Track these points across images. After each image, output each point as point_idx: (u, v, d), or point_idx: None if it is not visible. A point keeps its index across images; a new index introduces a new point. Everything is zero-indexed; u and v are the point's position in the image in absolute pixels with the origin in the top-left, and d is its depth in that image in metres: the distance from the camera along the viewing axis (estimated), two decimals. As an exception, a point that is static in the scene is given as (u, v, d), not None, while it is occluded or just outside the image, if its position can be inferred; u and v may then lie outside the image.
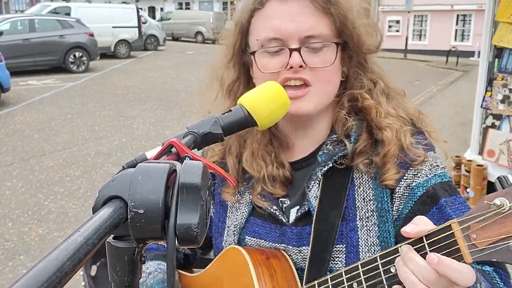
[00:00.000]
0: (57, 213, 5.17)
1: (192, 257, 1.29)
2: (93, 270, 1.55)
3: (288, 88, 0.96)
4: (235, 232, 1.10)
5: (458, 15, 29.30)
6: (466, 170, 5.41)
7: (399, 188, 0.99)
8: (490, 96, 5.05)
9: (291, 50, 0.96)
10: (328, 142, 1.05)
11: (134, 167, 0.54)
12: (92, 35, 16.09)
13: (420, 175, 0.99)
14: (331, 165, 1.01)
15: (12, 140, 7.94)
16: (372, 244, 0.99)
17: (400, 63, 19.11)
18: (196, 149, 0.73)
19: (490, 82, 5.04)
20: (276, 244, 1.06)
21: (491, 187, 5.29)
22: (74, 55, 15.56)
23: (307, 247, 1.01)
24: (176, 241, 0.51)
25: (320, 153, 1.04)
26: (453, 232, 0.72)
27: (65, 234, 4.66)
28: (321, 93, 1.00)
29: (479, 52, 6.42)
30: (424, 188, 0.98)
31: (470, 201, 5.40)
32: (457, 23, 29.53)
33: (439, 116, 9.24)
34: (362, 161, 1.00)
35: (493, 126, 5.12)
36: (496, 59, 4.95)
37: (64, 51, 15.33)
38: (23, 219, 5.01)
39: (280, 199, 1.08)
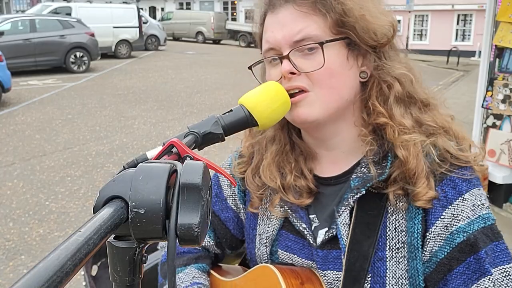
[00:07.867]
0: (58, 213, 5.17)
1: (221, 256, 1.29)
2: (94, 270, 1.55)
3: (290, 96, 0.95)
4: (267, 243, 1.08)
5: (459, 15, 29.28)
6: (467, 170, 5.40)
7: (435, 227, 0.91)
8: (491, 96, 5.05)
9: (281, 59, 0.93)
10: (363, 163, 0.97)
11: (135, 167, 0.54)
12: (93, 35, 16.08)
13: (461, 218, 0.90)
14: (364, 192, 0.94)
15: (13, 140, 7.94)
16: (400, 277, 0.94)
17: (400, 63, 19.06)
18: (196, 149, 0.73)
19: (491, 82, 5.03)
20: (309, 261, 1.03)
21: (491, 187, 5.29)
22: (75, 55, 15.55)
23: (332, 271, 0.99)
24: (177, 241, 0.51)
25: (353, 176, 0.97)
26: None
27: (66, 234, 4.66)
28: (323, 99, 0.92)
29: (480, 52, 6.41)
30: (465, 234, 0.89)
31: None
32: (457, 23, 29.51)
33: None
34: (394, 191, 0.92)
35: (494, 126, 5.12)
36: (497, 59, 4.95)
37: (65, 51, 15.32)
38: (24, 219, 5.01)
39: (310, 215, 1.04)
